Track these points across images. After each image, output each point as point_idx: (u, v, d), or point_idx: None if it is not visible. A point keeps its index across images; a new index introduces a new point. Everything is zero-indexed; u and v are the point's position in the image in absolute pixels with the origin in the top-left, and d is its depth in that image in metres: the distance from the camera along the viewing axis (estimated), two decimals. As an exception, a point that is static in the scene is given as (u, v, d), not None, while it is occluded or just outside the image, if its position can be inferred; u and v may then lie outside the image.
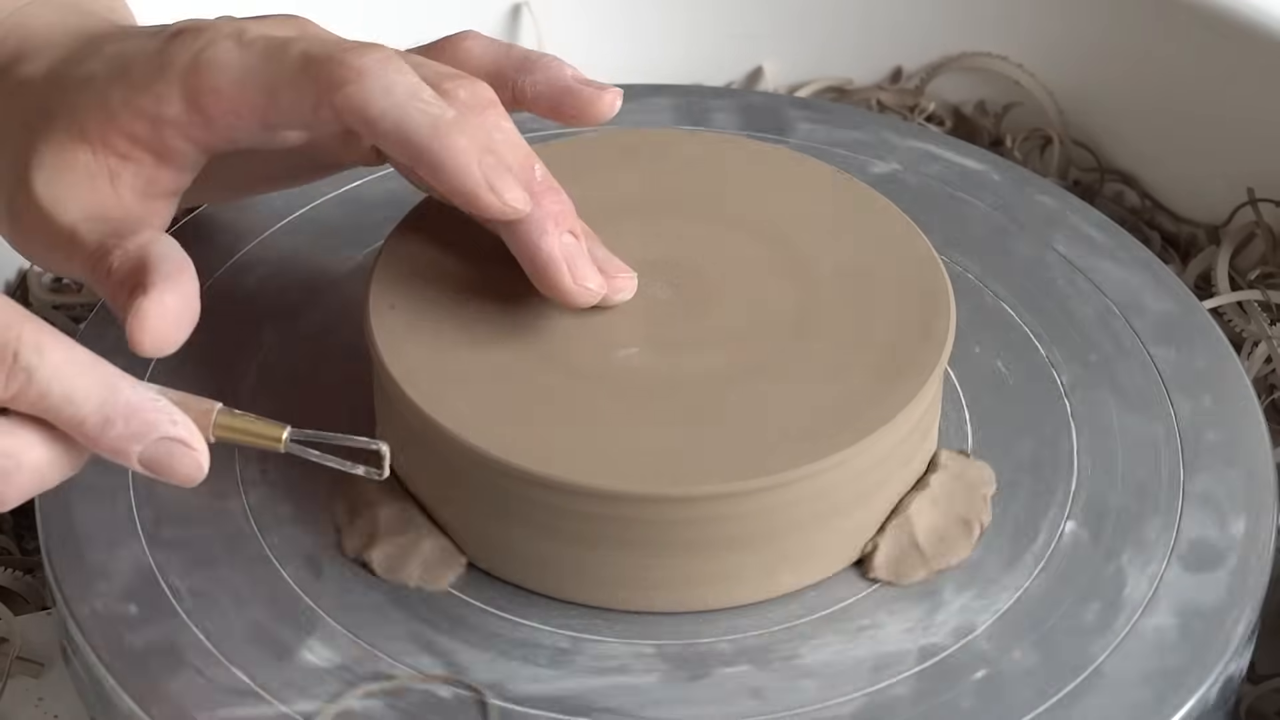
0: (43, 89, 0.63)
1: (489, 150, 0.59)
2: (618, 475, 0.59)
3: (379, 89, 0.58)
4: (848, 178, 0.69)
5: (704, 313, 0.64)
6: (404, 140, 0.58)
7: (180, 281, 0.58)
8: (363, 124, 0.59)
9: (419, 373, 0.61)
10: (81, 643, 0.61)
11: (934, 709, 0.59)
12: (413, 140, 0.58)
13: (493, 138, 0.60)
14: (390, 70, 0.59)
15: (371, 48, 0.59)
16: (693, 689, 0.60)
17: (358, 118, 0.59)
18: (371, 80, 0.58)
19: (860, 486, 0.61)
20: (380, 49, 0.59)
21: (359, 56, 0.59)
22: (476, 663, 0.60)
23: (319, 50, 0.59)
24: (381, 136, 0.58)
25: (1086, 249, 0.74)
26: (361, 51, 0.59)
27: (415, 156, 0.58)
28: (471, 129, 0.59)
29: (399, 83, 0.58)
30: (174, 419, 0.56)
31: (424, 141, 0.58)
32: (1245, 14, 0.84)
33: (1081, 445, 0.67)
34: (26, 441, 0.55)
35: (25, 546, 0.75)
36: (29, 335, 0.54)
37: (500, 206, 0.59)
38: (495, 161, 0.59)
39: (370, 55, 0.59)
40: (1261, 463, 0.67)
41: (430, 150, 0.58)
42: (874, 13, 0.92)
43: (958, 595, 0.62)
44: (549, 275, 0.61)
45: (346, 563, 0.63)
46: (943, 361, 0.63)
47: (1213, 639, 0.62)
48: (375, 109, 0.58)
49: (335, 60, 0.59)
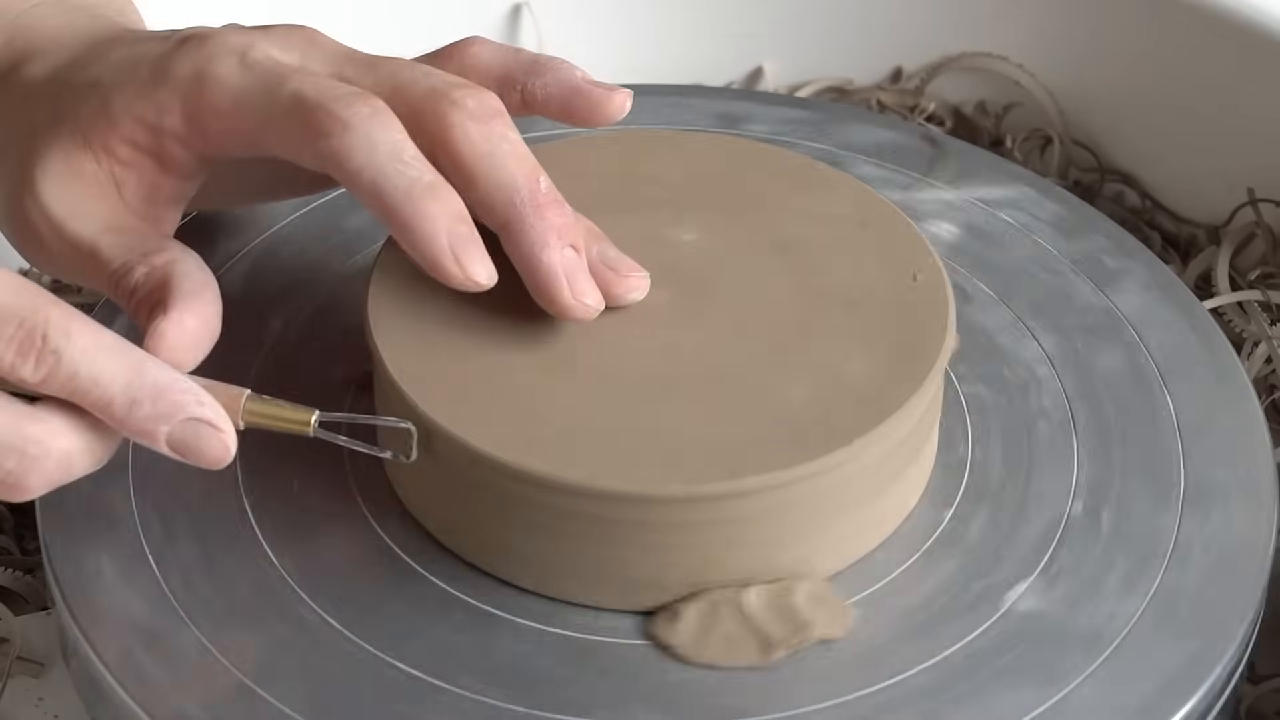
0: (48, 92, 0.63)
1: (461, 220, 0.59)
2: (620, 476, 0.59)
3: (361, 144, 0.59)
4: (848, 178, 0.69)
5: (704, 313, 0.64)
6: (378, 199, 0.59)
7: (201, 301, 0.59)
8: (341, 175, 0.59)
9: (419, 373, 0.61)
10: (82, 643, 0.61)
11: (937, 707, 0.59)
12: (386, 201, 0.59)
13: (508, 150, 0.60)
14: (375, 126, 0.59)
15: (362, 99, 0.59)
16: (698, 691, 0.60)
17: (337, 169, 0.59)
18: (354, 135, 0.59)
19: (862, 485, 0.61)
20: (371, 101, 0.59)
21: (347, 107, 0.59)
22: (480, 663, 0.60)
23: (311, 93, 0.59)
24: (357, 191, 0.59)
25: (1086, 249, 0.74)
26: (350, 102, 0.59)
27: (387, 216, 0.59)
28: (446, 197, 0.59)
29: (382, 140, 0.59)
30: (201, 400, 0.56)
31: (397, 204, 0.59)
32: (1245, 14, 0.84)
33: (1080, 445, 0.67)
34: (55, 429, 0.56)
35: (25, 546, 0.75)
36: (56, 318, 0.55)
37: (462, 279, 0.59)
38: (465, 232, 0.59)
39: (358, 107, 0.59)
40: (1262, 462, 0.67)
41: (402, 213, 0.59)
42: (874, 13, 0.92)
43: (959, 595, 0.62)
44: (548, 289, 0.61)
45: (338, 562, 0.63)
46: (943, 362, 0.63)
47: (1214, 637, 0.61)
48: (354, 164, 0.59)
49: (323, 109, 0.59)
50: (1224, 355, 0.70)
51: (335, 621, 0.61)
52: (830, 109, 0.82)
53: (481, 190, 0.61)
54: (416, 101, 0.61)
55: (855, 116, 0.81)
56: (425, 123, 0.60)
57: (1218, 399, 0.69)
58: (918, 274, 0.65)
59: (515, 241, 0.61)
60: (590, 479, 0.59)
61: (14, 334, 0.55)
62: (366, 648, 0.61)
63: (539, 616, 0.61)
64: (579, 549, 0.61)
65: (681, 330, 0.63)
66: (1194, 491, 0.66)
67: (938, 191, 0.76)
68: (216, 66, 0.61)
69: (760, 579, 0.61)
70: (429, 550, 0.63)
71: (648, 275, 0.63)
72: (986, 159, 0.78)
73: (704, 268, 0.65)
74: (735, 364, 0.62)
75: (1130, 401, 0.68)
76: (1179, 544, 0.64)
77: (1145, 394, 0.69)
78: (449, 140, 0.60)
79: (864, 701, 0.59)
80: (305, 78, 0.60)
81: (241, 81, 0.60)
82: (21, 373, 0.55)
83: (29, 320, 0.55)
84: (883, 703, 0.59)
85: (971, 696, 0.60)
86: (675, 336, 0.63)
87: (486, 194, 0.61)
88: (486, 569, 0.63)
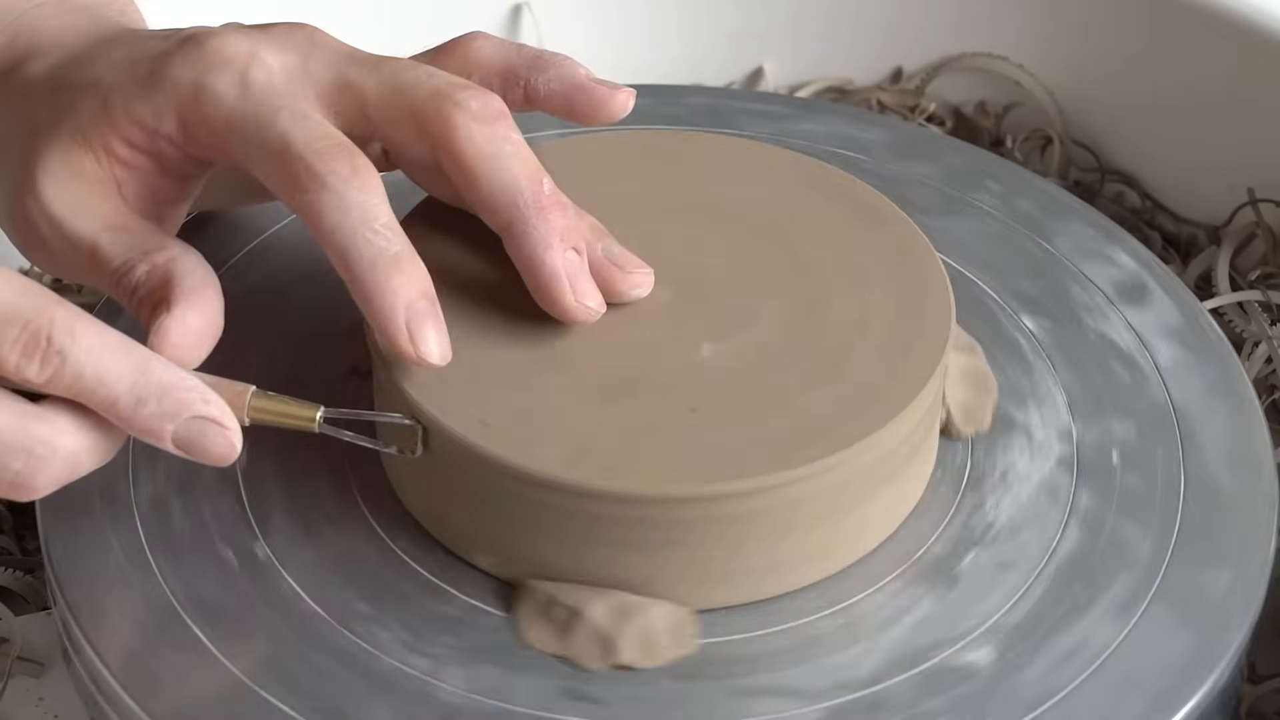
0: (49, 91, 0.63)
1: (423, 295, 0.59)
2: (622, 476, 0.59)
3: (335, 205, 0.58)
4: (849, 178, 0.69)
5: (705, 313, 0.64)
6: (344, 264, 0.59)
7: (203, 299, 0.59)
8: (314, 230, 0.59)
9: (420, 372, 0.61)
10: (82, 643, 0.61)
11: (941, 706, 0.59)
12: (351, 268, 0.58)
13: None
14: (352, 188, 0.59)
15: (344, 155, 0.59)
16: (699, 689, 0.60)
17: (310, 224, 0.59)
18: (329, 195, 0.58)
19: (863, 485, 0.61)
20: (353, 159, 0.59)
21: (328, 162, 0.59)
22: (472, 667, 0.60)
23: (298, 140, 0.59)
24: (327, 249, 0.59)
25: (1087, 249, 0.74)
26: (332, 157, 0.59)
27: (350, 281, 0.59)
28: (410, 270, 0.59)
29: (356, 204, 0.58)
30: (206, 398, 0.57)
31: (361, 272, 0.58)
32: (1245, 14, 0.84)
33: (1081, 444, 0.67)
34: (61, 428, 0.56)
35: (25, 546, 0.75)
36: (61, 318, 0.55)
37: (414, 357, 0.59)
38: (425, 308, 0.59)
39: (339, 165, 0.59)
40: (1262, 462, 0.67)
41: (364, 283, 0.58)
42: (874, 13, 0.92)
43: (963, 593, 0.62)
44: (550, 290, 0.61)
45: (343, 565, 0.63)
46: (943, 362, 0.63)
47: (1215, 637, 0.62)
48: (326, 223, 0.59)
49: (304, 161, 0.59)
50: (1224, 355, 0.70)
51: (335, 621, 0.61)
52: (831, 109, 0.82)
53: (484, 192, 0.61)
54: (420, 103, 0.61)
55: (856, 116, 0.81)
56: (428, 124, 0.60)
57: (1218, 399, 0.69)
58: (919, 275, 0.65)
59: (518, 243, 0.61)
60: (590, 479, 0.59)
61: (19, 335, 0.55)
62: (367, 648, 0.61)
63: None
64: (579, 548, 0.61)
65: (683, 330, 0.63)
66: (1194, 492, 0.66)
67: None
68: (215, 80, 0.60)
69: (761, 579, 0.61)
70: (429, 550, 0.63)
71: (652, 271, 0.63)
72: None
73: (705, 268, 0.65)
74: (737, 364, 0.62)
75: (1130, 403, 0.68)
76: (1179, 544, 0.64)
77: (1145, 394, 0.69)
78: (452, 142, 0.60)
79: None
80: (296, 120, 0.60)
81: (236, 104, 0.60)
82: (27, 373, 0.55)
83: (34, 321, 0.55)
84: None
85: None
86: (677, 336, 0.63)
87: (489, 195, 0.61)
88: (487, 569, 0.63)
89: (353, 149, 0.59)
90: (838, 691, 0.60)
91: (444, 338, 0.59)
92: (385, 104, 0.61)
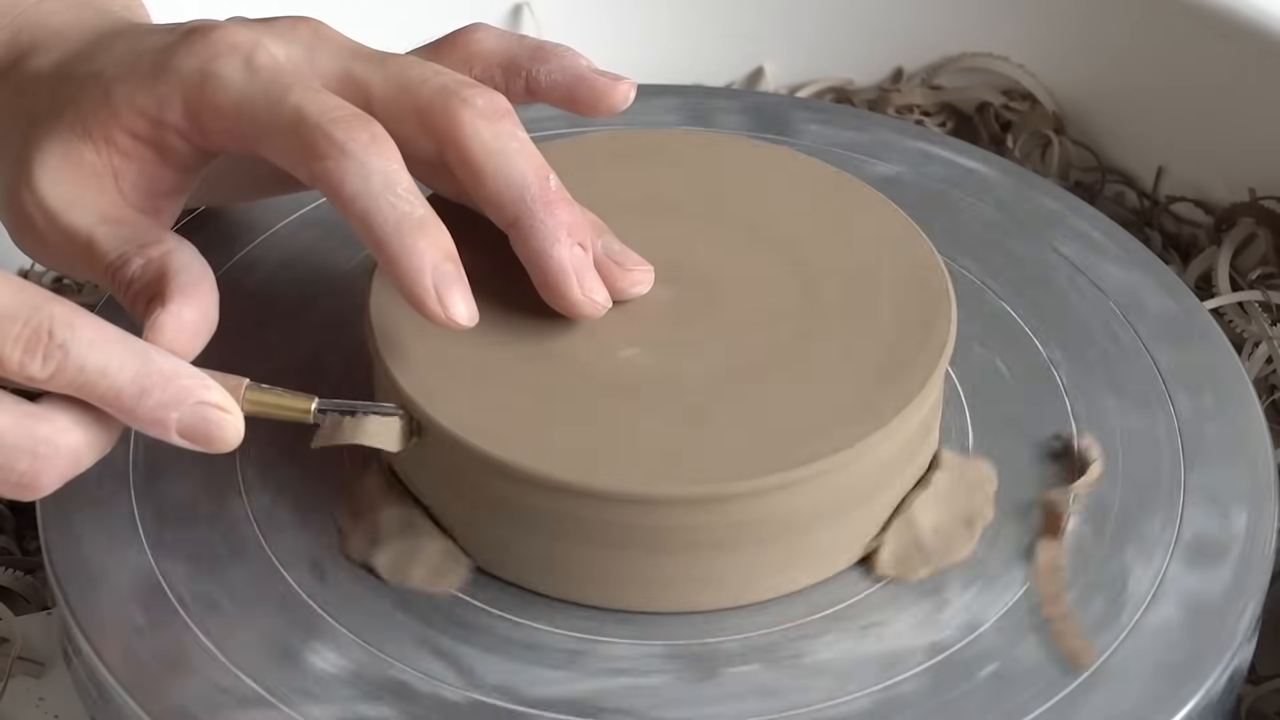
0: (51, 84, 0.63)
1: (448, 258, 0.59)
2: (620, 476, 0.59)
3: (356, 171, 0.58)
4: (849, 178, 0.69)
5: (705, 313, 0.64)
6: (368, 229, 0.58)
7: (199, 293, 0.58)
8: (334, 200, 0.59)
9: (420, 372, 0.61)
10: (82, 643, 0.61)
11: (944, 705, 0.59)
12: (376, 233, 0.58)
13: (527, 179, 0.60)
14: (372, 154, 0.58)
15: (362, 123, 0.59)
16: (702, 689, 0.60)
17: (331, 193, 0.59)
18: (350, 161, 0.58)
19: (863, 486, 0.61)
20: (370, 127, 0.59)
21: (346, 131, 0.58)
22: (486, 665, 0.60)
23: (313, 111, 0.59)
24: (349, 217, 0.59)
25: (1087, 249, 0.74)
26: (350, 126, 0.59)
27: (375, 247, 0.59)
28: (435, 233, 0.59)
29: (377, 169, 0.58)
30: (208, 384, 0.57)
31: (386, 236, 0.58)
32: (1245, 14, 0.84)
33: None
34: (62, 426, 0.56)
35: (26, 546, 0.75)
36: (60, 314, 0.55)
37: (443, 318, 0.59)
38: (451, 271, 0.59)
39: (357, 132, 0.59)
40: (1262, 462, 0.67)
41: (390, 246, 0.58)
42: (874, 13, 0.92)
43: (962, 592, 0.62)
44: (557, 285, 0.61)
45: (351, 566, 0.63)
46: (944, 362, 0.63)
47: (1217, 633, 0.62)
48: (348, 191, 0.58)
49: (322, 130, 0.59)
50: (1224, 355, 0.70)
51: (335, 621, 0.61)
52: (832, 109, 0.82)
53: (490, 187, 0.61)
54: (425, 99, 0.61)
55: (859, 117, 0.81)
56: (434, 120, 0.60)
57: (1218, 399, 0.69)
58: (920, 275, 0.65)
59: (524, 238, 0.61)
60: (589, 479, 0.59)
61: (20, 332, 0.55)
62: (366, 647, 0.61)
63: (538, 616, 0.61)
64: (578, 549, 0.61)
65: (683, 330, 0.63)
66: (1194, 492, 0.66)
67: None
68: (221, 66, 0.60)
69: (761, 580, 0.61)
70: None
71: (651, 269, 0.63)
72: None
73: (706, 267, 0.65)
74: (737, 364, 0.62)
75: (1130, 402, 0.68)
76: (1179, 545, 0.64)
77: (1145, 395, 0.69)
78: (459, 138, 0.60)
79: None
80: (308, 93, 0.60)
81: (245, 86, 0.60)
82: (30, 369, 0.55)
83: (33, 318, 0.55)
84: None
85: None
86: (677, 336, 0.63)
87: (496, 191, 0.61)
88: (486, 568, 0.63)
89: (368, 117, 0.59)
90: (838, 691, 0.60)
91: (470, 300, 0.59)
92: (391, 100, 0.61)
